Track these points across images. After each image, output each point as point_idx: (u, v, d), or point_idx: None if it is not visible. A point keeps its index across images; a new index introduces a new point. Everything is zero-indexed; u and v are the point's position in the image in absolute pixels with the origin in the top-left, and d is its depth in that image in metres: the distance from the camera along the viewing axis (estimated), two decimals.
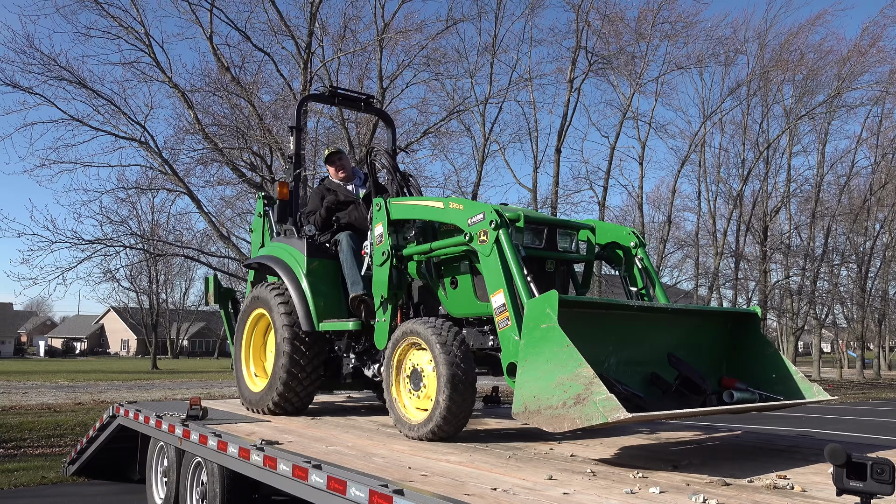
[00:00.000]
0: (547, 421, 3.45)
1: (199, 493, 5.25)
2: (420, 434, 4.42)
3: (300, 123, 6.60)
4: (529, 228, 4.59)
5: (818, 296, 34.18)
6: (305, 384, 5.61)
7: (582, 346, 3.52)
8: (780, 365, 4.40)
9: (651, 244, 30.51)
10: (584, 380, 3.32)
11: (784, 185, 33.70)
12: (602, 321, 4.10)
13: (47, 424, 12.15)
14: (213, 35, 15.51)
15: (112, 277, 22.72)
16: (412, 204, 4.97)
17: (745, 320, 4.60)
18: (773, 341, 54.46)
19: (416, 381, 4.58)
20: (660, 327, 4.36)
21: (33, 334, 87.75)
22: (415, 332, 4.50)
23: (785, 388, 4.30)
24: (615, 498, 2.90)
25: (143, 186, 17.01)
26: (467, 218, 4.38)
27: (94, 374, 32.08)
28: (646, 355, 4.24)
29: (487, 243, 4.20)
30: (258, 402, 5.84)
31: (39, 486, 7.57)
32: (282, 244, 6.03)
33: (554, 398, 3.42)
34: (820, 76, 29.61)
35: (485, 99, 21.30)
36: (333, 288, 5.66)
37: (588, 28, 22.97)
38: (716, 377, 4.42)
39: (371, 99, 7.26)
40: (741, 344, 4.58)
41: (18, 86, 14.31)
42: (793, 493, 3.03)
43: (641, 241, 4.99)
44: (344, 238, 5.63)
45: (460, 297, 4.74)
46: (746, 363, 4.52)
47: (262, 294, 5.89)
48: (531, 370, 3.61)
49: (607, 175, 25.70)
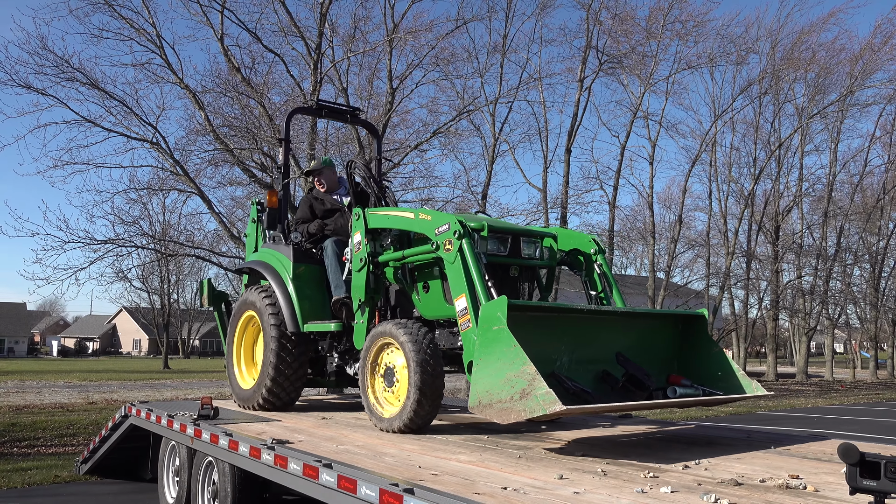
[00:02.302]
0: (497, 413, 3.77)
1: (210, 492, 5.27)
2: (392, 427, 4.70)
3: (288, 136, 6.94)
4: (494, 237, 4.89)
5: (831, 296, 33.95)
6: (292, 381, 5.93)
7: (533, 346, 3.88)
8: (724, 364, 4.74)
9: (661, 244, 30.46)
10: (528, 376, 3.65)
11: (796, 185, 33.55)
12: (554, 323, 4.44)
13: (60, 423, 12.25)
14: (223, 36, 15.56)
15: (124, 277, 22.95)
16: (387, 214, 5.32)
17: (694, 322, 4.94)
18: (785, 341, 53.72)
19: (390, 379, 4.86)
20: (611, 329, 4.70)
21: (46, 334, 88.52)
22: (388, 333, 4.79)
23: (728, 385, 4.65)
24: (626, 497, 2.89)
25: (154, 187, 17.08)
26: (434, 228, 4.71)
27: (107, 374, 32.31)
28: (597, 355, 4.57)
29: (452, 251, 4.50)
30: (248, 399, 6.13)
31: (53, 485, 7.63)
32: (271, 250, 6.34)
33: (503, 393, 3.74)
34: (832, 74, 29.45)
35: (495, 99, 21.24)
36: (318, 291, 5.98)
37: (599, 27, 22.89)
38: (665, 375, 4.75)
39: (357, 111, 7.60)
40: (690, 344, 4.92)
41: (32, 87, 14.40)
42: (805, 493, 3.01)
43: (601, 248, 5.37)
44: (329, 244, 5.94)
45: (432, 300, 5.03)
46: (694, 362, 4.85)
47: (252, 297, 6.18)
48: (484, 368, 3.93)
49: (617, 175, 25.62)
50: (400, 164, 17.76)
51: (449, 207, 20.78)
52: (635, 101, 25.84)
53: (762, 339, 46.99)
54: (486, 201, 21.27)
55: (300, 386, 6.07)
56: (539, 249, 5.20)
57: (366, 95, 18.16)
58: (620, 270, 41.82)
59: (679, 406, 4.49)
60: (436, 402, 4.63)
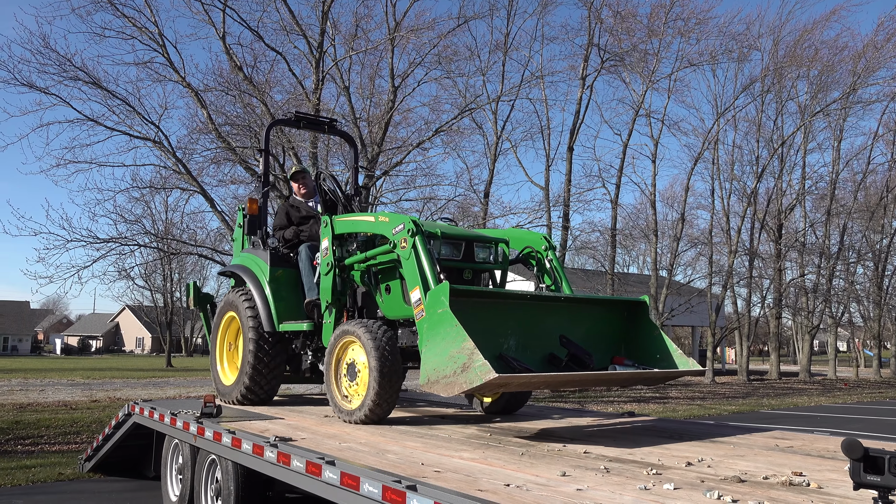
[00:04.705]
0: (443, 388, 4.11)
1: (213, 490, 5.28)
2: (354, 418, 5.04)
3: (267, 146, 7.26)
4: (448, 242, 5.30)
5: (834, 294, 33.89)
6: (269, 378, 6.28)
7: (480, 329, 4.34)
8: (662, 345, 5.14)
9: (664, 242, 30.36)
10: (467, 351, 3.99)
11: (799, 183, 33.45)
12: (499, 309, 4.84)
13: (64, 421, 12.28)
14: (225, 35, 15.57)
15: (127, 276, 22.92)
16: (351, 219, 5.71)
17: (636, 308, 5.35)
18: (788, 340, 53.76)
19: (352, 374, 5.21)
20: (557, 314, 5.08)
21: (50, 332, 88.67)
22: (351, 331, 5.14)
23: (666, 364, 5.06)
24: (629, 494, 2.89)
25: (157, 185, 17.11)
26: (392, 228, 5.08)
27: (110, 372, 32.36)
28: (543, 338, 4.94)
29: (407, 248, 4.88)
30: (229, 394, 6.49)
31: (57, 483, 7.65)
32: (250, 255, 6.71)
33: (447, 369, 4.09)
34: (835, 72, 29.37)
35: (497, 97, 21.23)
36: (293, 294, 6.31)
37: (600, 25, 22.86)
38: (610, 356, 5.18)
39: (334, 122, 7.93)
40: (633, 328, 5.33)
41: (35, 86, 14.42)
42: (809, 490, 3.00)
43: (551, 244, 5.77)
44: (303, 249, 6.30)
45: (393, 301, 5.37)
46: (637, 345, 5.27)
47: (233, 299, 6.56)
48: (432, 348, 4.28)
49: (620, 173, 25.56)
50: (402, 163, 17.77)
51: (451, 206, 20.80)
52: (637, 98, 25.82)
53: (765, 338, 46.95)
54: (488, 199, 21.27)
55: (277, 382, 6.43)
56: (493, 254, 5.59)
57: (367, 94, 18.18)
58: (623, 269, 41.78)
59: (612, 380, 5.00)
60: (393, 395, 4.98)
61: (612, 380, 4.99)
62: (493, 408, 6.07)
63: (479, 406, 6.26)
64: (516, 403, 6.04)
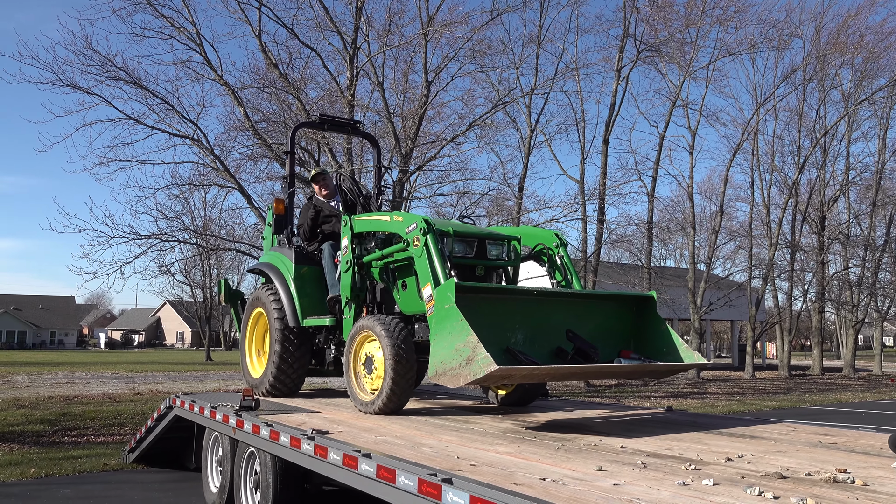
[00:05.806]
0: (450, 380, 4.26)
1: (252, 482, 5.37)
2: (371, 409, 5.27)
3: (293, 148, 7.49)
4: (461, 240, 5.44)
5: (880, 287, 32.95)
6: (294, 371, 6.57)
7: (487, 324, 4.53)
8: (668, 339, 5.26)
9: (702, 235, 29.88)
10: (471, 344, 4.14)
11: (842, 173, 32.56)
12: (507, 305, 4.98)
13: (108, 413, 12.61)
14: (261, 33, 15.73)
15: (167, 271, 23.41)
16: (369, 219, 5.91)
17: (644, 303, 5.47)
18: (831, 334, 52.57)
19: (369, 367, 5.41)
20: (564, 310, 5.23)
21: (94, 326, 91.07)
22: (368, 326, 5.35)
23: (672, 358, 5.18)
24: (667, 489, 2.85)
25: (195, 183, 17.41)
26: (405, 227, 5.27)
27: (152, 366, 33.12)
28: (551, 333, 5.08)
29: (419, 247, 5.07)
30: (257, 386, 6.76)
31: (102, 473, 7.86)
32: (276, 253, 6.97)
33: (454, 361, 4.25)
34: (881, 59, 28.47)
35: (530, 90, 21.07)
36: (317, 290, 6.53)
37: (636, 15, 22.48)
38: (618, 350, 5.30)
39: (357, 123, 8.18)
40: (641, 323, 5.44)
41: (78, 87, 14.75)
42: (854, 488, 2.92)
43: (563, 241, 5.90)
44: (326, 247, 6.52)
45: (409, 297, 5.56)
46: (645, 339, 5.39)
47: (260, 295, 6.84)
48: (439, 342, 4.46)
49: (656, 165, 25.16)
50: (436, 158, 17.78)
51: (485, 200, 20.75)
52: (674, 89, 25.35)
53: (807, 333, 45.94)
54: (522, 193, 21.17)
55: (302, 374, 6.71)
56: (505, 251, 5.71)
57: (401, 89, 18.20)
58: (659, 262, 41.23)
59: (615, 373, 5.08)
60: (408, 387, 5.19)
61: (615, 372, 5.11)
62: (508, 400, 6.20)
63: (494, 398, 6.36)
64: (529, 396, 6.18)
